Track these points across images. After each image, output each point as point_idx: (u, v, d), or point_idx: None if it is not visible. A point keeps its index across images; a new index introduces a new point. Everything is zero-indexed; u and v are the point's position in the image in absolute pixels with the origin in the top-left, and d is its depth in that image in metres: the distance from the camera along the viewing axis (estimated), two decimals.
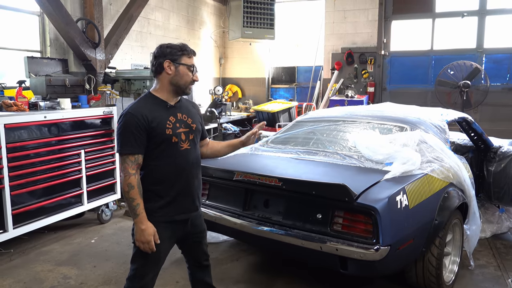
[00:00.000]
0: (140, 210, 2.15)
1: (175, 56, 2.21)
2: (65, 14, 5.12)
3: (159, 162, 2.22)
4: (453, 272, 3.33)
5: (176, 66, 2.21)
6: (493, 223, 4.32)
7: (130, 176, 2.12)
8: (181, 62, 2.21)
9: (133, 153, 2.14)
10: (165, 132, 2.19)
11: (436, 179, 3.03)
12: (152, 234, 2.16)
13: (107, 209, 4.79)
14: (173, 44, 2.25)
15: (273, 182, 2.82)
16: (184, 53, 2.23)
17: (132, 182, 2.12)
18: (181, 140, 2.25)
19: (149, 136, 2.17)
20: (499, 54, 7.76)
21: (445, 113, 3.97)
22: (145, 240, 2.15)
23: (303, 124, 4.13)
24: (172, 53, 2.21)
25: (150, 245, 2.15)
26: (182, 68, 2.22)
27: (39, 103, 4.14)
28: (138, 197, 2.14)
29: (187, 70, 2.23)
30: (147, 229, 2.15)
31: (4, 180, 3.60)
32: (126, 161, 2.14)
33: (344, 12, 8.65)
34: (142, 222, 2.15)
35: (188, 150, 2.28)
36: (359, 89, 8.59)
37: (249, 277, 3.49)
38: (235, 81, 9.98)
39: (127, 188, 2.12)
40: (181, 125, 2.26)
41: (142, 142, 2.15)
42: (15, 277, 3.48)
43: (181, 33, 8.22)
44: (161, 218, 2.24)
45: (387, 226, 2.50)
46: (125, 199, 2.17)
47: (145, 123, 2.14)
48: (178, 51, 2.22)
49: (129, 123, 2.14)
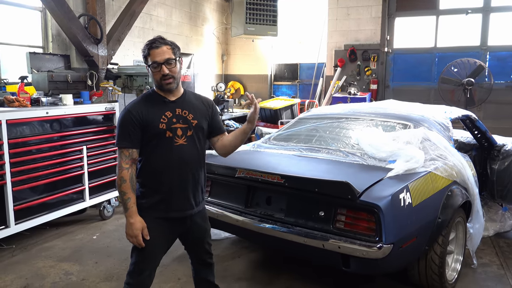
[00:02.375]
0: (130, 204, 2.18)
1: (144, 60, 2.28)
2: (67, 10, 5.12)
3: (152, 156, 2.25)
4: (456, 270, 3.32)
5: (149, 68, 2.27)
6: (496, 221, 4.30)
7: (123, 170, 2.17)
8: (148, 64, 2.25)
9: (127, 147, 2.20)
10: (158, 126, 2.21)
11: (440, 177, 3.01)
12: (140, 229, 2.18)
13: (109, 205, 4.80)
14: (144, 46, 2.27)
15: (275, 179, 2.81)
16: (145, 53, 2.25)
17: (124, 176, 2.17)
18: (177, 135, 2.24)
19: (143, 131, 2.22)
20: (503, 51, 7.71)
21: (448, 111, 3.95)
22: (132, 234, 2.18)
23: (306, 121, 4.11)
24: (144, 55, 2.27)
25: (137, 239, 2.18)
26: (150, 68, 2.26)
27: (41, 99, 4.14)
28: (129, 191, 2.18)
29: (152, 68, 2.25)
30: (135, 223, 2.18)
31: (6, 176, 3.61)
32: (121, 155, 2.21)
33: (347, 9, 8.61)
34: (131, 216, 2.18)
35: (183, 146, 2.26)
36: (362, 86, 8.55)
37: (250, 274, 3.48)
38: (237, 78, 9.96)
39: (120, 181, 2.18)
40: (178, 120, 2.26)
41: (136, 138, 2.21)
42: (17, 273, 3.49)
43: (183, 29, 8.20)
44: (154, 213, 2.25)
45: (390, 224, 2.48)
46: (118, 192, 2.22)
47: (140, 118, 2.20)
48: (143, 53, 2.27)
49: (125, 119, 2.22)
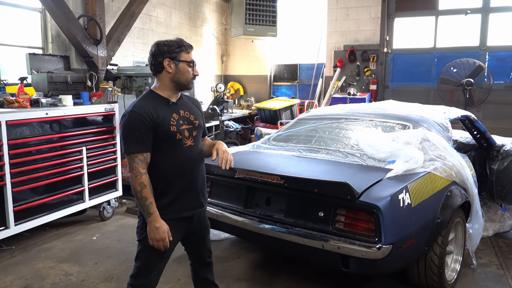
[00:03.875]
0: (153, 209, 2.13)
1: (174, 54, 2.17)
2: (67, 11, 5.12)
3: (164, 159, 2.20)
4: (455, 270, 3.32)
5: (176, 64, 2.18)
6: (495, 221, 4.31)
7: (142, 175, 2.10)
8: (181, 59, 2.18)
9: (142, 151, 2.11)
10: (170, 129, 2.17)
11: (439, 178, 3.02)
12: (166, 232, 2.16)
13: (108, 206, 4.80)
14: (170, 40, 2.20)
15: (275, 180, 2.81)
16: (182, 49, 2.18)
17: (144, 181, 2.10)
18: (185, 137, 2.24)
19: (154, 133, 2.14)
20: (502, 52, 7.71)
21: (448, 111, 3.96)
22: (159, 237, 2.14)
23: (305, 122, 4.12)
24: (170, 51, 2.16)
25: (164, 242, 2.15)
26: (182, 65, 2.19)
27: (41, 100, 4.14)
28: (150, 196, 2.12)
29: (187, 66, 2.20)
30: (161, 226, 2.14)
31: (5, 176, 3.60)
32: (135, 160, 2.10)
33: (346, 9, 8.61)
34: (156, 221, 2.13)
35: (191, 147, 2.27)
36: (362, 87, 8.55)
37: (250, 274, 3.48)
38: (237, 79, 9.96)
39: (139, 187, 2.09)
40: (184, 122, 2.25)
41: (149, 140, 2.13)
42: (16, 273, 3.49)
43: (183, 30, 8.20)
44: (169, 215, 2.22)
45: (389, 224, 2.49)
46: (137, 198, 2.13)
47: (151, 121, 2.11)
48: (176, 48, 2.17)
49: (134, 121, 2.10)
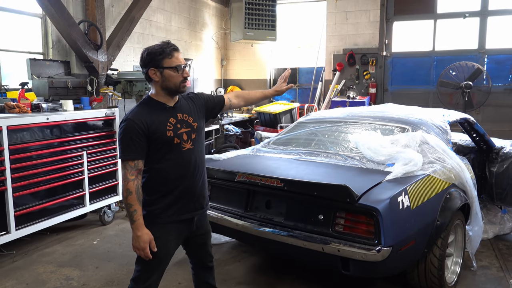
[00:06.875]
0: (137, 216, 2.13)
1: (157, 62, 2.16)
2: (67, 16, 5.15)
3: (162, 164, 2.21)
4: (455, 273, 3.32)
5: (161, 71, 2.18)
6: (495, 224, 4.31)
7: (129, 182, 2.12)
8: (164, 66, 2.17)
9: (133, 158, 2.13)
10: (166, 134, 2.19)
11: (438, 180, 3.03)
12: (147, 242, 2.15)
13: (109, 211, 4.81)
14: (153, 48, 2.19)
15: (274, 183, 2.82)
16: (164, 56, 2.17)
17: (130, 188, 2.11)
18: (183, 140, 2.25)
19: (149, 140, 2.16)
20: (501, 55, 7.74)
21: (447, 114, 3.97)
22: (140, 247, 2.14)
23: (305, 125, 4.13)
24: (153, 60, 2.16)
25: (145, 252, 2.14)
26: (167, 72, 2.17)
27: (42, 105, 4.16)
28: (135, 203, 2.13)
29: (172, 72, 2.18)
30: (142, 236, 2.14)
31: (6, 181, 3.61)
32: (125, 167, 2.14)
33: (345, 13, 8.65)
34: (138, 229, 2.14)
35: (191, 150, 2.28)
36: (361, 90, 8.58)
37: (251, 278, 3.49)
38: (236, 83, 9.98)
39: (125, 193, 2.13)
40: (182, 126, 2.26)
41: (142, 147, 2.14)
42: (17, 278, 3.49)
43: (182, 35, 8.23)
44: (168, 219, 2.24)
45: (389, 227, 2.49)
46: (124, 204, 2.17)
47: (144, 128, 2.13)
48: (158, 55, 2.16)
49: (128, 129, 2.14)
